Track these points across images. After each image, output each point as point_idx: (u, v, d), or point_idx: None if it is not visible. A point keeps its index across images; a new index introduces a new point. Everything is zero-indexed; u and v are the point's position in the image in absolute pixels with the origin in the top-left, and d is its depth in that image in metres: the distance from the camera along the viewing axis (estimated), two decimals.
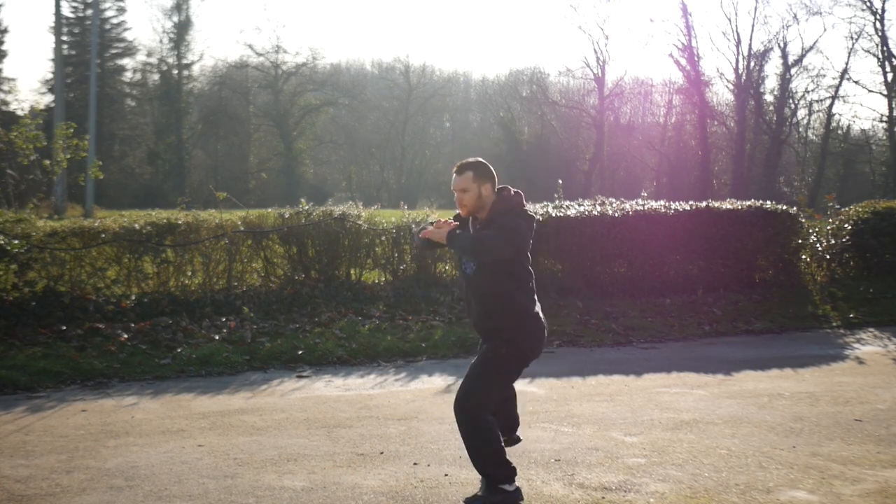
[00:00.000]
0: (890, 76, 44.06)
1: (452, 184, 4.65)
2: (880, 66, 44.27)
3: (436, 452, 5.45)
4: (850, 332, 10.43)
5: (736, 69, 46.95)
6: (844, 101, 52.00)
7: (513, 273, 4.55)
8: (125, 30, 51.96)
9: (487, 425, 4.46)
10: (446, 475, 5.00)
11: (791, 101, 47.29)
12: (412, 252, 11.07)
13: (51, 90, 45.00)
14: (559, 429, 6.01)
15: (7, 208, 10.84)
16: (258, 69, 56.39)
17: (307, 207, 10.97)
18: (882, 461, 5.25)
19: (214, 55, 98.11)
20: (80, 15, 49.50)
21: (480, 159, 4.70)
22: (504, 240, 4.41)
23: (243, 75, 56.33)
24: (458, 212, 4.73)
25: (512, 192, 4.65)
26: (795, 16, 60.39)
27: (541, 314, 4.65)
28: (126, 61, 52.51)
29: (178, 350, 8.29)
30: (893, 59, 43.89)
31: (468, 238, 4.48)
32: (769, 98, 47.92)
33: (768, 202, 12.68)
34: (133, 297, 9.54)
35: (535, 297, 4.66)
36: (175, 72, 52.04)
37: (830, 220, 13.63)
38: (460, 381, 4.64)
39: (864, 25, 46.93)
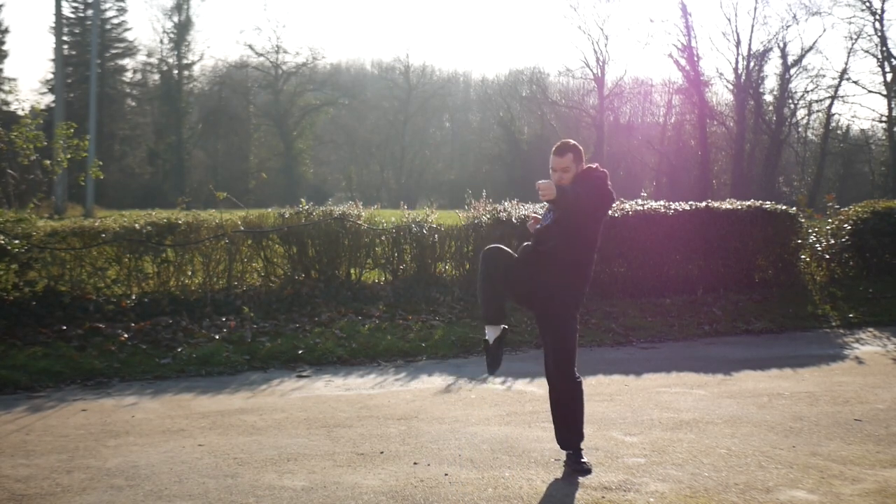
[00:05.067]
0: (889, 76, 44.05)
1: (553, 163, 5.09)
2: (879, 66, 44.28)
3: (436, 452, 5.45)
4: (850, 331, 10.44)
5: (736, 69, 46.97)
6: (844, 102, 51.80)
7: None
8: (125, 30, 51.98)
9: (579, 386, 5.17)
10: (446, 475, 5.01)
11: (790, 101, 47.27)
12: (412, 252, 11.07)
13: (51, 90, 44.98)
14: None
15: (7, 208, 10.84)
16: (258, 69, 56.39)
17: (307, 207, 10.97)
18: (882, 461, 5.26)
19: (214, 55, 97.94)
20: (81, 15, 49.51)
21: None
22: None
23: (243, 75, 56.33)
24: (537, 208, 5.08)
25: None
26: (795, 16, 60.27)
27: None
28: (126, 61, 52.54)
29: (178, 350, 8.29)
30: (893, 60, 43.89)
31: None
32: (769, 98, 47.93)
33: (768, 202, 12.68)
34: (133, 297, 9.55)
35: None
36: (175, 72, 52.04)
37: (830, 220, 13.63)
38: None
39: (864, 26, 46.80)
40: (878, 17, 43.62)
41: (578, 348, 5.03)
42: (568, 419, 5.13)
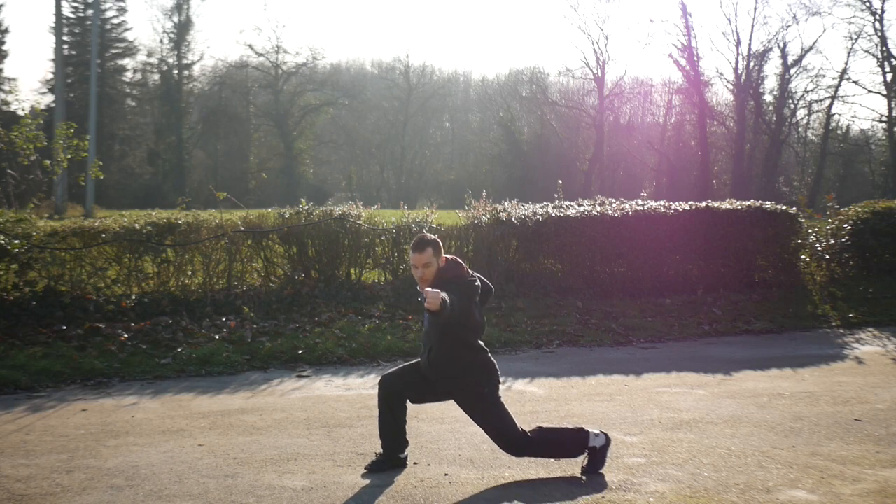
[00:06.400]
0: (889, 76, 44.08)
1: (413, 259, 4.90)
2: (879, 66, 44.33)
3: (436, 452, 5.46)
4: (850, 331, 10.44)
5: (735, 69, 47.02)
6: (844, 102, 51.92)
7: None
8: (125, 30, 51.93)
9: (534, 438, 4.99)
10: (446, 475, 5.01)
11: (790, 101, 47.32)
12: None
13: (51, 90, 44.95)
14: None
15: (7, 208, 10.86)
16: (258, 69, 56.38)
17: (307, 207, 10.97)
18: (882, 461, 5.26)
19: (214, 55, 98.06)
20: (81, 15, 49.46)
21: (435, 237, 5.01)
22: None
23: (243, 75, 56.33)
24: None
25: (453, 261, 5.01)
26: (795, 16, 60.45)
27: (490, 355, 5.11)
28: (126, 61, 52.51)
29: (178, 350, 8.29)
30: (893, 60, 43.92)
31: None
32: (769, 98, 47.98)
33: (768, 202, 12.69)
34: (133, 297, 9.55)
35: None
36: (175, 72, 52.02)
37: (830, 220, 13.64)
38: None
39: (864, 26, 46.98)
40: (878, 17, 43.71)
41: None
42: (558, 453, 5.09)
